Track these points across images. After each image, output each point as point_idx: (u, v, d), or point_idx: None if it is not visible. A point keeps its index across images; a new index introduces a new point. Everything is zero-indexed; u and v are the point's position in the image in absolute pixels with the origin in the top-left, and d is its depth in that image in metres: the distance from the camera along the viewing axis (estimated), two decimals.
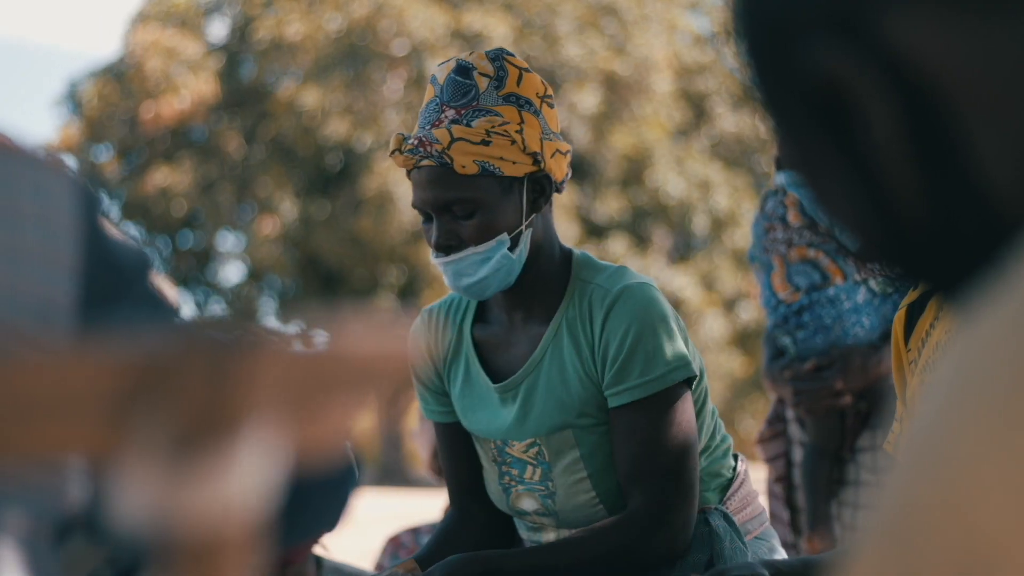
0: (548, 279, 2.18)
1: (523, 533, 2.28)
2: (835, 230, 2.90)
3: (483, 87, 2.12)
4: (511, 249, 2.12)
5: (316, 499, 1.19)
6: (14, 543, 1.04)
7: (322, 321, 0.69)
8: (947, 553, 0.49)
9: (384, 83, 20.99)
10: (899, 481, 0.52)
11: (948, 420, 0.51)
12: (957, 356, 0.53)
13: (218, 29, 23.24)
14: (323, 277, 21.40)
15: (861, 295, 3.28)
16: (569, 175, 2.21)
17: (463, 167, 2.08)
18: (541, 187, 2.15)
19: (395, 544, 3.73)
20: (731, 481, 2.23)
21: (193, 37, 22.30)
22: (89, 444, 0.62)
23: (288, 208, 20.99)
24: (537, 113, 2.14)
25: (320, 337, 0.68)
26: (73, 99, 22.86)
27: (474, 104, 2.11)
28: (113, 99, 22.24)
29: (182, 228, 22.59)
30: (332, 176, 21.53)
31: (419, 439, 3.72)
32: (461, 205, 2.10)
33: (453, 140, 2.08)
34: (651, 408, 2.09)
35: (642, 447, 2.09)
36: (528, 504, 2.21)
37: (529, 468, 2.18)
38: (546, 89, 2.19)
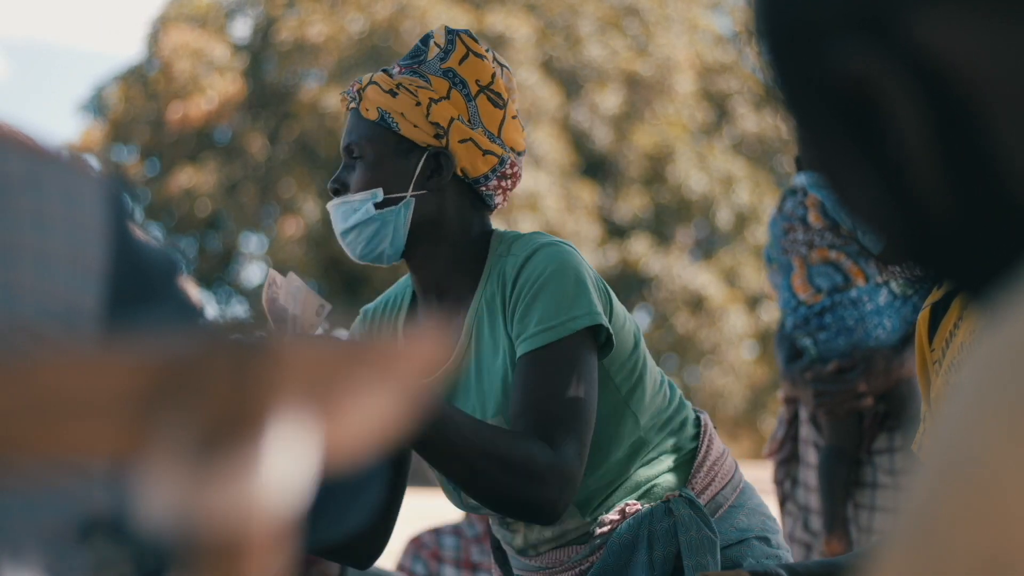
0: (456, 262, 2.13)
1: (497, 533, 2.22)
2: (858, 232, 2.88)
3: (431, 55, 2.15)
4: (380, 207, 2.09)
5: (339, 499, 1.19)
6: (40, 544, 1.05)
7: (345, 321, 0.69)
8: (975, 554, 0.49)
9: None
10: (925, 482, 0.52)
11: (974, 420, 0.51)
12: (983, 357, 0.53)
13: (240, 30, 23.29)
14: (345, 278, 21.43)
15: (883, 297, 3.28)
16: (492, 181, 2.14)
17: (366, 110, 2.12)
18: (439, 165, 2.11)
19: (416, 544, 3.74)
20: (694, 453, 2.13)
21: (216, 39, 22.35)
22: (114, 445, 0.62)
23: (311, 209, 21.04)
24: (469, 98, 2.12)
25: (342, 337, 0.68)
26: (98, 102, 22.94)
27: (415, 66, 2.15)
28: (138, 101, 22.33)
29: (206, 229, 22.65)
30: None
31: None
32: (356, 149, 2.12)
33: (370, 83, 2.15)
34: (549, 357, 1.99)
35: (535, 396, 1.98)
36: None
37: None
38: (492, 83, 2.14)
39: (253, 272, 23.89)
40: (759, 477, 3.09)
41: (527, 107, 21.05)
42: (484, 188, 2.14)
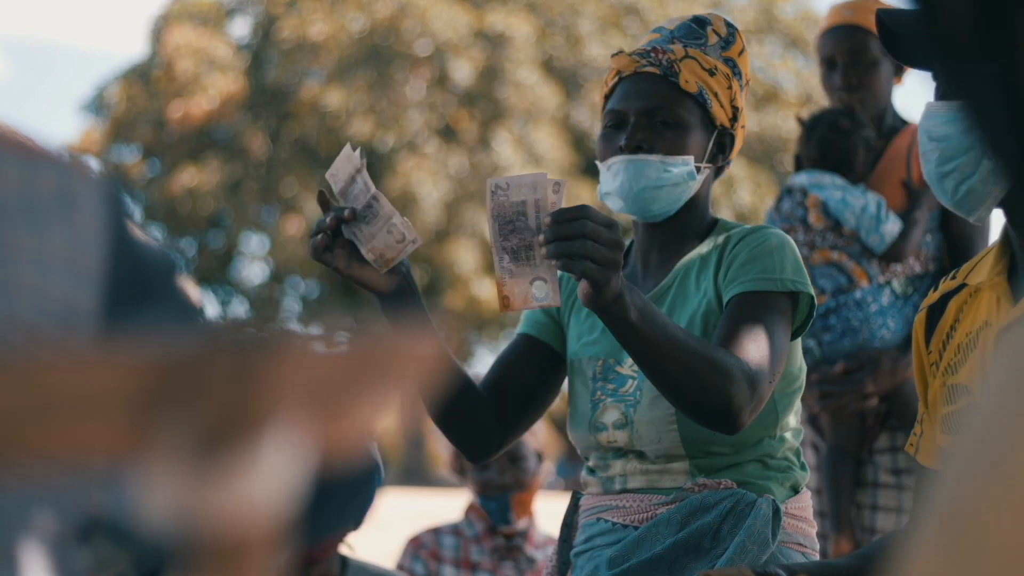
0: (691, 231, 2.27)
1: (591, 478, 2.27)
2: (860, 233, 2.87)
3: (711, 41, 2.27)
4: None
5: (340, 498, 1.19)
6: (40, 544, 1.05)
7: (344, 321, 0.69)
8: (1010, 547, 0.48)
9: (407, 83, 21.02)
10: (959, 475, 0.52)
11: (1009, 413, 0.51)
12: (1017, 348, 0.53)
13: (240, 29, 23.29)
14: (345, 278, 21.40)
15: (886, 297, 3.27)
16: (731, 163, 2.33)
17: (686, 82, 2.22)
18: (723, 145, 2.28)
19: (416, 544, 3.74)
20: (795, 493, 2.23)
21: (217, 38, 22.35)
22: (114, 445, 0.62)
23: (312, 208, 21.04)
24: (742, 87, 2.28)
25: (343, 337, 0.68)
26: (99, 101, 22.94)
27: (703, 47, 2.26)
28: (140, 100, 22.33)
29: (207, 228, 22.65)
30: None
31: (441, 439, 3.73)
32: (668, 115, 2.22)
33: (687, 56, 2.24)
34: (761, 301, 2.12)
35: (741, 325, 2.10)
36: (610, 416, 2.21)
37: (629, 381, 2.22)
38: (750, 79, 2.33)
39: (254, 272, 23.90)
40: None
41: (527, 107, 21.06)
42: (727, 168, 2.32)
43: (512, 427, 2.32)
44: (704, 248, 2.24)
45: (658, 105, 2.21)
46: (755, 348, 2.07)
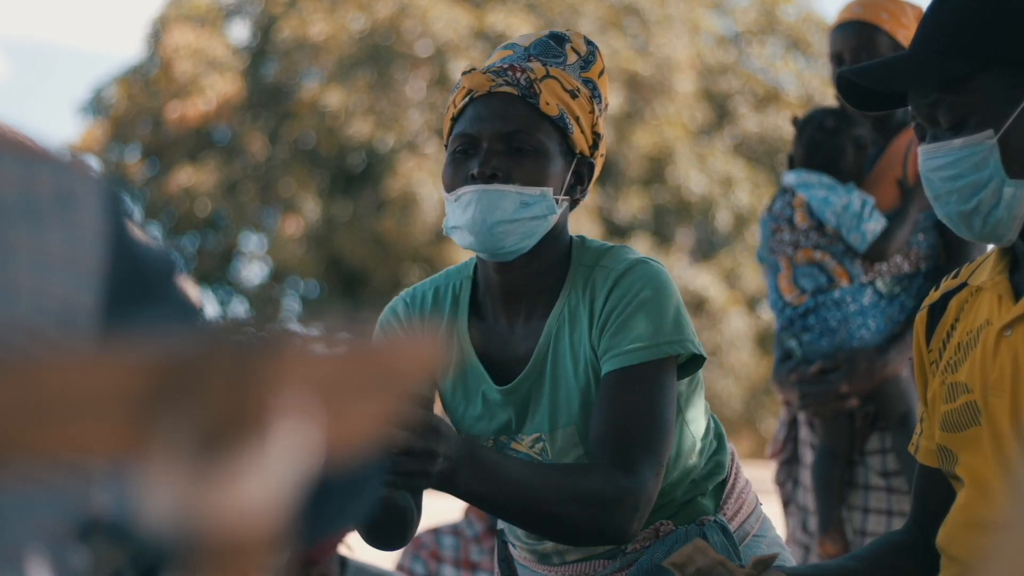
0: (550, 270, 2.07)
1: (520, 542, 2.15)
2: (843, 231, 2.89)
3: (571, 60, 2.08)
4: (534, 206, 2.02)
5: (340, 498, 1.19)
6: (37, 544, 1.05)
7: (344, 321, 0.69)
8: None
9: (407, 83, 21.01)
10: None
11: None
12: None
13: (239, 30, 23.30)
14: (345, 278, 21.42)
15: (867, 297, 3.27)
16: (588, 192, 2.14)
17: (547, 104, 2.01)
18: (581, 175, 2.08)
19: (415, 544, 3.74)
20: (725, 481, 2.12)
21: (216, 38, 22.36)
22: (114, 445, 0.62)
23: (311, 208, 21.04)
24: (601, 112, 2.09)
25: (342, 337, 0.68)
26: (98, 102, 22.95)
27: (562, 66, 2.07)
28: (139, 100, 22.33)
29: (206, 228, 22.65)
30: (355, 176, 21.57)
31: None
32: (525, 140, 2.01)
33: (548, 76, 2.03)
34: (639, 376, 1.95)
35: (620, 417, 1.95)
36: None
37: (532, 457, 2.06)
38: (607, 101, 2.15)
39: (253, 272, 23.91)
40: (757, 477, 3.09)
41: None
42: (582, 200, 2.12)
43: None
44: (571, 299, 2.04)
45: (515, 129, 2.00)
46: (637, 437, 1.93)
